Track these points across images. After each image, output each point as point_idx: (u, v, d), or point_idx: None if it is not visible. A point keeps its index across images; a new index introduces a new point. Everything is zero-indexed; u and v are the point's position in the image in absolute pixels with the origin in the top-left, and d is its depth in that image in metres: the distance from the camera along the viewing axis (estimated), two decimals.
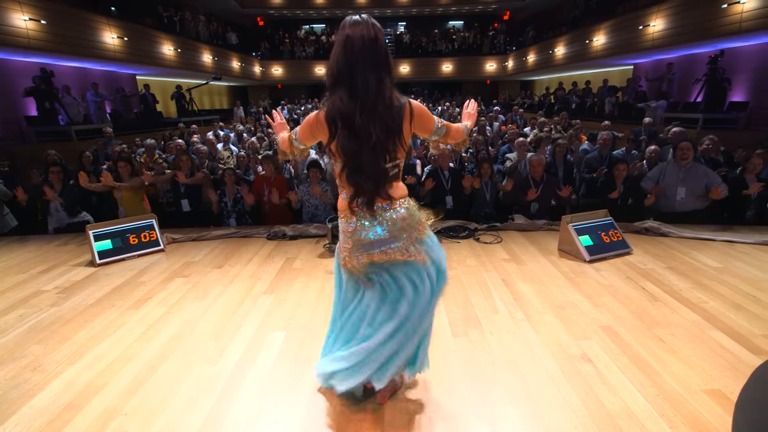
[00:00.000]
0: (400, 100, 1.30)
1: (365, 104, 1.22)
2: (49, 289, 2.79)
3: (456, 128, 1.55)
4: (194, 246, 3.59)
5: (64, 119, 8.42)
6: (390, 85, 1.26)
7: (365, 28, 1.22)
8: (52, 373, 1.92)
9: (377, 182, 1.29)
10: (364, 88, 1.21)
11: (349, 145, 1.25)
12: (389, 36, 19.62)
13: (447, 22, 20.84)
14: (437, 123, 1.46)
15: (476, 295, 2.55)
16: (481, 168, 4.29)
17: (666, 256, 3.10)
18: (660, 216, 3.86)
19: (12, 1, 6.82)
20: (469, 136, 1.64)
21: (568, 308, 2.37)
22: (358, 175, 1.28)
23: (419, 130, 1.42)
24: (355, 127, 1.23)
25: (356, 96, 1.22)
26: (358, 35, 1.21)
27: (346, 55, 1.22)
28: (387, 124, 1.24)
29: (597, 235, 3.18)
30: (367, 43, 1.21)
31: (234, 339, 2.14)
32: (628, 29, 9.96)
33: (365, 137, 1.23)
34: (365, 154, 1.25)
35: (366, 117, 1.23)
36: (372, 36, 1.22)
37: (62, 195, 3.98)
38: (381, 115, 1.23)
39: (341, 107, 1.25)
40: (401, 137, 1.30)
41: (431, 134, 1.47)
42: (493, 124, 9.50)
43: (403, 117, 1.29)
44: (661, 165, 3.99)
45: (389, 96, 1.25)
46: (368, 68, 1.21)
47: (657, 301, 2.42)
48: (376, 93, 1.22)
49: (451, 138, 1.55)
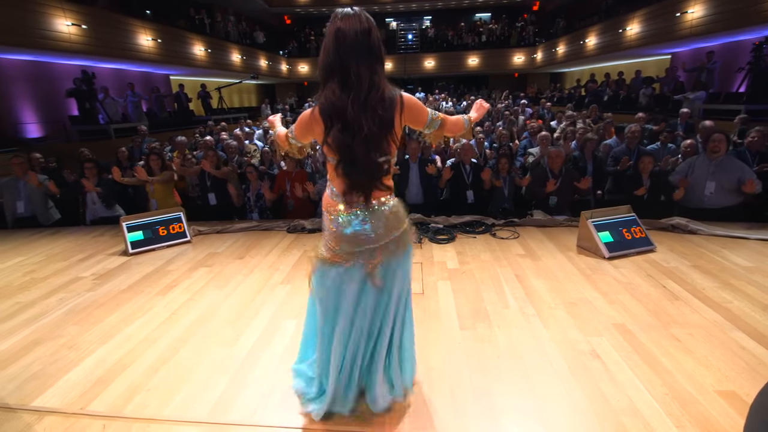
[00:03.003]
0: (391, 92, 1.30)
1: (358, 96, 1.24)
2: (87, 276, 3.02)
3: (453, 120, 1.53)
4: (218, 238, 3.75)
5: (104, 118, 8.95)
6: (383, 76, 1.27)
7: (357, 20, 1.24)
8: (86, 351, 2.09)
9: (372, 176, 1.31)
10: (357, 80, 1.23)
11: (341, 138, 1.27)
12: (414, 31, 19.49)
13: (474, 14, 20.45)
14: (431, 115, 1.44)
15: (488, 290, 2.55)
16: (498, 163, 4.25)
17: (692, 254, 2.97)
18: (688, 212, 3.69)
19: (56, 8, 7.29)
20: (470, 129, 1.64)
21: (581, 305, 2.33)
22: (351, 169, 1.30)
23: (411, 122, 1.41)
24: (347, 119, 1.25)
25: (348, 88, 1.24)
26: (350, 28, 1.22)
27: (338, 48, 1.23)
28: (379, 117, 1.25)
29: (618, 231, 3.09)
30: (360, 35, 1.22)
31: (250, 325, 2.25)
32: (664, 17, 9.45)
33: (357, 130, 1.24)
34: (358, 147, 1.26)
35: (358, 109, 1.24)
36: (365, 28, 1.23)
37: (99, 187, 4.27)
38: (373, 108, 1.24)
39: (333, 100, 1.26)
40: (393, 130, 1.31)
41: (424, 126, 1.45)
42: (518, 117, 9.30)
43: (394, 109, 1.29)
44: (691, 159, 3.81)
45: (383, 88, 1.26)
46: (361, 60, 1.22)
47: (677, 300, 2.34)
48: (369, 85, 1.23)
49: (448, 131, 1.53)
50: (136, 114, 10.15)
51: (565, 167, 4.11)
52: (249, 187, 4.26)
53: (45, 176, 4.58)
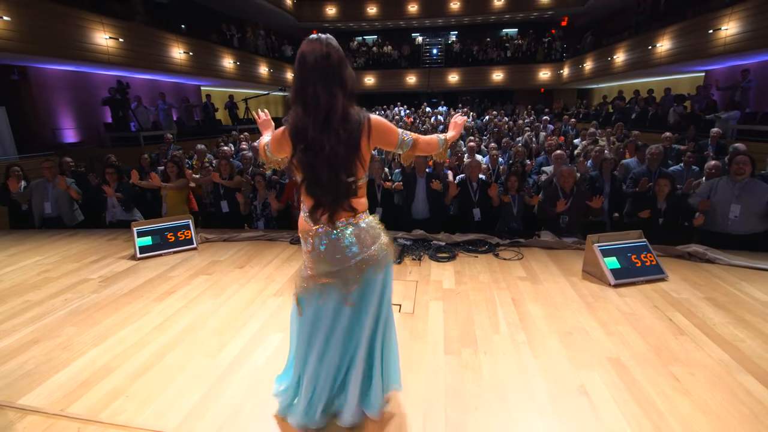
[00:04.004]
0: (359, 114, 1.32)
1: (317, 118, 1.26)
2: (94, 278, 3.13)
3: (426, 141, 1.55)
4: (224, 246, 3.83)
5: (135, 126, 9.43)
6: (343, 99, 1.28)
7: (318, 45, 1.27)
8: (78, 352, 2.16)
9: (336, 195, 1.32)
10: (314, 103, 1.26)
11: (304, 158, 1.30)
12: (439, 46, 19.61)
13: (500, 30, 20.40)
14: (401, 136, 1.46)
15: (480, 313, 2.47)
16: (508, 181, 4.15)
17: (706, 285, 2.79)
18: (710, 237, 3.48)
19: (96, 23, 7.80)
20: (448, 148, 1.62)
21: (576, 334, 2.22)
22: (316, 188, 1.32)
23: (381, 143, 1.43)
24: (308, 140, 1.28)
25: (309, 110, 1.27)
26: (310, 52, 1.26)
27: (300, 71, 1.28)
28: (341, 138, 1.27)
29: (626, 257, 2.94)
30: (319, 59, 1.25)
31: (236, 336, 2.26)
32: (696, 34, 9.12)
33: (319, 150, 1.27)
34: (321, 167, 1.28)
35: (318, 130, 1.26)
36: (323, 53, 1.26)
37: (119, 191, 4.48)
38: (334, 129, 1.27)
39: (296, 121, 1.31)
40: (358, 152, 1.32)
41: (396, 147, 1.47)
42: (539, 134, 9.13)
43: (361, 132, 1.31)
44: (712, 180, 3.61)
45: (342, 110, 1.28)
46: (319, 83, 1.25)
47: (682, 335, 2.19)
48: (327, 107, 1.26)
49: (420, 151, 1.54)
50: (167, 122, 10.65)
51: (579, 187, 3.98)
52: (256, 195, 4.35)
53: (72, 180, 4.84)
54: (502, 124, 10.60)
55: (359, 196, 1.42)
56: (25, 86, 8.34)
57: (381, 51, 19.12)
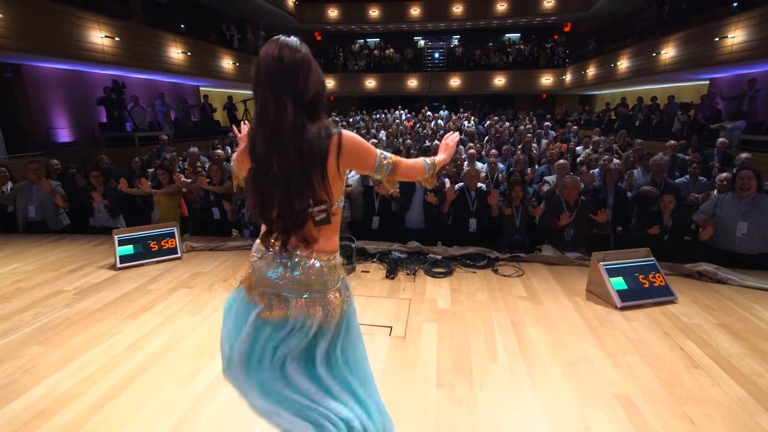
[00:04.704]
0: (324, 130, 1.11)
1: (265, 132, 1.08)
2: (69, 290, 2.96)
3: (408, 165, 1.32)
4: (209, 256, 3.66)
5: (131, 126, 9.28)
6: (296, 110, 1.07)
7: (272, 47, 1.07)
8: (39, 376, 1.99)
9: (290, 225, 1.11)
10: (263, 113, 1.07)
11: (252, 176, 1.11)
12: (441, 50, 19.49)
13: (503, 35, 20.31)
14: (379, 159, 1.23)
15: (477, 337, 2.29)
16: (512, 191, 3.97)
17: (719, 309, 2.61)
18: (716, 255, 3.31)
19: (91, 21, 7.66)
20: (434, 174, 1.40)
21: (581, 365, 2.04)
22: (267, 211, 1.12)
23: (354, 165, 1.21)
24: (258, 155, 1.10)
25: (261, 123, 1.09)
26: (264, 54, 1.07)
27: (255, 76, 1.09)
28: (291, 158, 1.07)
29: (633, 277, 2.77)
30: (270, 62, 1.06)
31: (210, 362, 2.08)
32: (701, 41, 8.97)
33: (268, 168, 1.08)
34: (271, 188, 1.09)
35: (266, 147, 1.08)
36: (276, 56, 1.06)
37: (105, 197, 4.31)
38: (285, 145, 1.07)
39: (251, 134, 1.13)
40: (320, 175, 1.10)
41: (372, 171, 1.24)
42: (541, 141, 8.97)
43: (326, 151, 1.11)
44: (717, 196, 3.45)
45: (294, 124, 1.07)
46: (268, 90, 1.07)
47: (696, 368, 2.01)
48: (276, 119, 1.06)
49: (402, 176, 1.31)
50: (165, 123, 10.50)
51: (583, 199, 3.82)
52: (244, 202, 4.18)
53: (58, 182, 4.68)
54: (503, 130, 10.45)
55: (328, 230, 1.18)
56: (19, 84, 8.19)
57: (383, 54, 19.00)
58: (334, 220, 1.18)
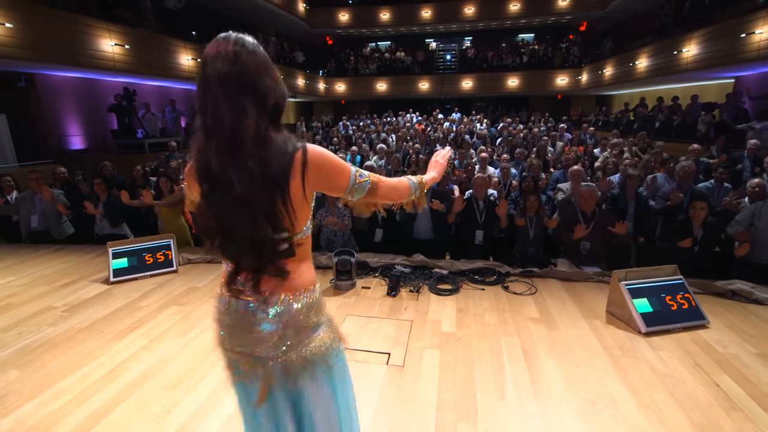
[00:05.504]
0: (288, 142, 0.94)
1: (219, 144, 0.89)
2: (58, 306, 2.86)
3: (390, 185, 1.12)
4: (206, 269, 3.53)
5: (142, 133, 9.33)
6: (258, 117, 0.90)
7: (225, 44, 0.90)
8: (9, 407, 1.87)
9: (260, 253, 0.93)
10: (215, 121, 0.88)
11: (209, 201, 0.92)
12: (453, 51, 19.24)
13: (516, 35, 19.94)
14: (353, 177, 1.04)
15: (483, 368, 2.08)
16: (526, 201, 3.69)
17: (758, 336, 2.33)
18: (754, 270, 3.02)
19: (102, 29, 7.71)
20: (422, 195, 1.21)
21: (601, 404, 1.81)
22: (231, 244, 0.94)
23: (323, 186, 1.02)
24: (212, 175, 0.91)
25: (211, 134, 0.90)
26: (213, 54, 0.89)
27: (200, 80, 0.90)
28: (254, 172, 0.89)
29: (660, 298, 2.50)
30: (222, 61, 0.88)
31: (191, 392, 1.93)
32: (726, 38, 8.52)
33: (227, 188, 0.89)
34: (233, 214, 0.90)
35: (222, 161, 0.89)
36: (230, 53, 0.88)
37: (105, 206, 4.24)
38: (246, 158, 0.88)
39: (197, 149, 0.93)
40: (285, 196, 0.93)
41: (345, 193, 1.05)
42: (556, 144, 8.64)
43: (289, 170, 0.92)
44: (754, 204, 3.15)
45: (257, 132, 0.89)
46: (220, 94, 0.88)
47: (735, 410, 1.75)
48: (234, 127, 0.88)
49: (382, 197, 1.11)
50: (176, 129, 10.55)
51: (601, 209, 3.55)
52: None
53: (60, 191, 4.64)
54: (517, 132, 10.14)
55: (298, 259, 1.02)
56: (33, 93, 8.30)
57: (394, 57, 18.85)
58: (299, 250, 1.02)
